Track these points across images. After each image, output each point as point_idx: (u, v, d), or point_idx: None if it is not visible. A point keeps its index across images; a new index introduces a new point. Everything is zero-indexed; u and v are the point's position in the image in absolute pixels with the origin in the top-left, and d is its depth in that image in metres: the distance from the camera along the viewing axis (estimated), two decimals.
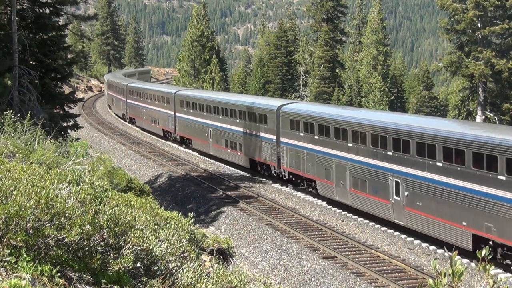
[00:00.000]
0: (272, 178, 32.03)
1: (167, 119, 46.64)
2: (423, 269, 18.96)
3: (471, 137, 18.39)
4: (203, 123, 39.91)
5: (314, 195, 28.29)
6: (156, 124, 49.68)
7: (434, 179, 19.84)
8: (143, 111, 53.02)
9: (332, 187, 25.73)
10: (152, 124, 50.57)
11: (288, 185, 29.44)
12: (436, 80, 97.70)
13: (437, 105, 74.92)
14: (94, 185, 5.98)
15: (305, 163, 26.70)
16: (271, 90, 71.82)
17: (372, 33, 75.08)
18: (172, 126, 45.68)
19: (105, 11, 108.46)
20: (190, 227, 8.37)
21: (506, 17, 40.98)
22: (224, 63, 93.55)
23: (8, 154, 10.41)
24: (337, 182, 24.90)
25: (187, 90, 48.70)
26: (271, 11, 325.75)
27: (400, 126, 21.48)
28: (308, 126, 26.70)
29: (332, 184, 25.69)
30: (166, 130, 47.45)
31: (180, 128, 44.35)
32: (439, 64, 44.65)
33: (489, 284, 4.32)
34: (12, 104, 19.58)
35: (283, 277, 19.23)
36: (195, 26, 68.64)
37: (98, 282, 5.31)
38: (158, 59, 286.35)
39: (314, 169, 27.18)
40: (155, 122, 49.65)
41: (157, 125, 49.32)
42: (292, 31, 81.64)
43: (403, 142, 20.99)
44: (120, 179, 16.68)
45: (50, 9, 23.89)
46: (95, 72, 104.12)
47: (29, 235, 5.03)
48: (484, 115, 42.46)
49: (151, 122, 50.90)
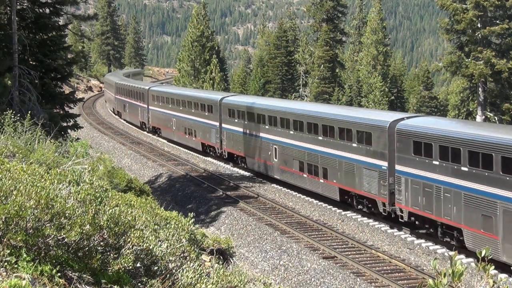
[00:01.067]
0: (271, 179, 32.08)
1: (209, 131, 38.72)
2: (423, 269, 18.96)
3: None
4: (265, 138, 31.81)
5: (314, 195, 28.29)
6: (191, 137, 41.88)
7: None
8: (173, 120, 45.22)
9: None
10: (187, 136, 42.77)
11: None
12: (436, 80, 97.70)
13: (437, 105, 74.91)
14: (94, 185, 5.98)
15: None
16: (271, 90, 71.81)
17: (372, 33, 75.08)
18: (216, 140, 37.72)
19: (105, 11, 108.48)
20: (190, 227, 8.36)
21: (506, 17, 40.98)
22: (224, 63, 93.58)
23: (8, 154, 10.41)
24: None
25: (237, 96, 40.71)
26: (271, 11, 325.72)
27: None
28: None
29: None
30: (208, 144, 39.46)
31: (229, 143, 36.37)
32: (439, 64, 44.64)
33: (489, 284, 4.32)
34: (12, 104, 19.58)
35: (283, 277, 19.23)
36: (195, 26, 68.64)
37: (98, 282, 5.31)
38: (158, 59, 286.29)
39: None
40: (191, 134, 41.94)
41: (194, 137, 41.47)
42: (292, 31, 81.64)
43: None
44: (120, 179, 16.68)
45: (50, 9, 23.88)
46: (95, 72, 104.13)
47: (29, 235, 5.02)
48: (484, 115, 42.45)
49: (185, 133, 43.18)
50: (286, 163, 29.71)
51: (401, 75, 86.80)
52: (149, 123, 51.36)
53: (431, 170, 20.33)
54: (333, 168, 25.84)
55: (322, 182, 26.73)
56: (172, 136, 46.08)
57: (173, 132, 45.55)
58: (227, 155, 36.85)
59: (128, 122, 58.86)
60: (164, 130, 48.01)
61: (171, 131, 46.02)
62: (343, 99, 66.27)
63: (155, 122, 50.06)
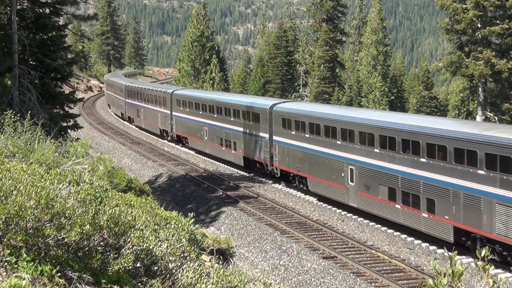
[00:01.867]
0: (272, 178, 32.08)
1: (254, 143, 33.36)
2: (423, 269, 18.97)
3: None
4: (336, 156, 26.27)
5: (314, 195, 28.29)
6: (230, 149, 36.22)
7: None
8: (204, 129, 39.60)
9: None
10: (223, 148, 37.11)
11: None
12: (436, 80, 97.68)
13: (437, 105, 74.90)
14: (94, 185, 5.98)
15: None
16: (271, 90, 71.82)
17: (372, 33, 75.10)
18: (265, 155, 32.31)
19: (105, 11, 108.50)
20: (190, 227, 8.37)
21: (506, 17, 40.96)
22: (224, 63, 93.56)
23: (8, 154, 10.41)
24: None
25: (291, 102, 34.17)
26: (271, 11, 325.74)
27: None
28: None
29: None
30: (253, 159, 33.97)
31: (282, 159, 30.63)
32: (439, 64, 44.62)
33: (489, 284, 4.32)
34: (12, 104, 19.58)
35: (283, 277, 19.23)
36: (195, 26, 68.65)
37: (98, 282, 5.31)
38: (158, 59, 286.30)
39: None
40: (229, 146, 36.37)
41: (233, 150, 35.94)
42: (292, 31, 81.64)
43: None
44: (120, 179, 16.68)
45: (50, 9, 23.89)
46: (95, 72, 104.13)
47: (29, 235, 5.03)
48: (484, 115, 42.45)
49: (221, 145, 37.57)
50: (368, 187, 24.17)
51: (401, 75, 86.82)
52: (172, 131, 45.78)
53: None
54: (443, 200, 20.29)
55: (426, 216, 21.03)
56: (202, 147, 40.25)
57: (204, 142, 39.69)
58: (279, 173, 31.26)
59: (142, 129, 53.55)
60: (192, 140, 42.10)
61: (201, 141, 40.15)
62: (343, 99, 66.29)
63: (181, 130, 44.26)
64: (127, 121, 57.26)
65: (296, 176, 30.04)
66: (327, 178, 26.67)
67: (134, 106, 53.70)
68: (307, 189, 28.88)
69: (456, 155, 19.49)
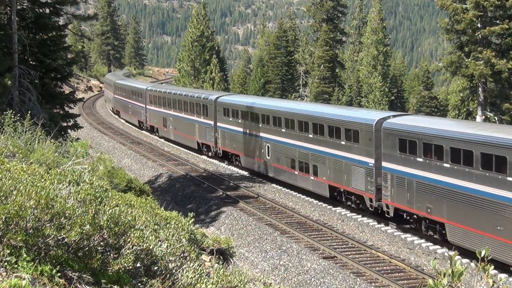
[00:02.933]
0: (272, 179, 32.10)
1: (349, 170, 25.24)
2: (423, 269, 18.96)
3: None
4: None
5: (313, 195, 28.30)
6: (308, 174, 28.11)
7: None
8: (266, 147, 31.67)
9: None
10: (296, 172, 29.11)
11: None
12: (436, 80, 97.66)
13: (437, 105, 74.89)
14: (94, 185, 5.98)
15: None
16: (271, 90, 71.82)
17: (372, 33, 75.06)
18: (369, 188, 24.01)
19: (105, 11, 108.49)
20: (190, 227, 8.37)
21: (506, 17, 40.94)
22: (224, 63, 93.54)
23: (8, 154, 10.41)
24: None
25: (409, 116, 26.49)
26: (271, 11, 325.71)
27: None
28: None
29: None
30: (354, 192, 25.23)
31: (399, 196, 22.31)
32: (439, 64, 44.60)
33: (489, 284, 4.33)
34: (12, 104, 19.59)
35: (283, 277, 19.23)
36: (195, 26, 68.65)
37: (98, 282, 5.31)
38: (158, 59, 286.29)
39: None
40: (295, 168, 29.14)
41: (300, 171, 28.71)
42: (292, 31, 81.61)
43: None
44: (120, 179, 16.68)
45: (50, 9, 23.89)
46: (95, 72, 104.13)
47: (29, 235, 5.03)
48: (484, 115, 42.45)
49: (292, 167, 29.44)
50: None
51: (401, 75, 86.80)
52: (216, 146, 38.23)
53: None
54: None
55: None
56: (263, 169, 32.39)
57: (265, 163, 31.96)
58: (392, 212, 23.06)
59: (169, 141, 47.08)
60: (246, 158, 34.39)
61: (261, 161, 32.46)
62: (343, 99, 66.28)
63: (229, 145, 36.59)
64: (148, 131, 51.82)
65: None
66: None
67: (159, 114, 48.01)
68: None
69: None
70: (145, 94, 53.78)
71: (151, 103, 52.56)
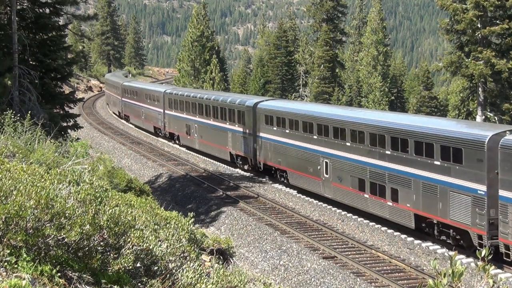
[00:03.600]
0: (272, 179, 32.08)
1: (436, 195, 20.92)
2: (423, 269, 18.97)
3: None
4: None
5: (313, 195, 28.29)
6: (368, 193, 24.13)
7: None
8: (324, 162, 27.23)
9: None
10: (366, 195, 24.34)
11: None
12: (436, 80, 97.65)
13: (437, 105, 74.90)
14: (94, 185, 5.98)
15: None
16: (271, 90, 71.82)
17: (372, 33, 75.06)
18: (476, 222, 19.29)
19: (105, 11, 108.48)
20: (190, 227, 8.37)
21: (506, 17, 40.94)
22: (224, 63, 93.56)
23: (8, 154, 10.41)
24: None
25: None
26: (271, 11, 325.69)
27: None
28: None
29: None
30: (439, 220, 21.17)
31: None
32: (439, 64, 44.59)
33: (489, 284, 4.32)
34: (12, 104, 19.59)
35: (283, 277, 19.23)
36: (195, 26, 68.65)
37: (98, 282, 5.31)
38: (158, 59, 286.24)
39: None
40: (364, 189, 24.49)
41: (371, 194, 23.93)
42: (292, 31, 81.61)
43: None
44: (120, 179, 16.68)
45: (50, 9, 23.90)
46: (95, 72, 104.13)
47: (29, 235, 5.03)
48: (484, 115, 42.45)
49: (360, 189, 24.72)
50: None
51: (401, 75, 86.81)
52: (257, 158, 33.48)
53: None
54: None
55: None
56: (317, 187, 27.94)
57: (321, 182, 27.45)
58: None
59: (193, 150, 43.25)
60: (296, 175, 29.74)
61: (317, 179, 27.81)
62: (343, 99, 66.28)
63: (273, 159, 31.75)
64: (167, 138, 48.68)
65: None
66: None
67: (181, 120, 44.87)
68: None
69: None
70: (163, 97, 48.69)
71: (171, 108, 46.40)
